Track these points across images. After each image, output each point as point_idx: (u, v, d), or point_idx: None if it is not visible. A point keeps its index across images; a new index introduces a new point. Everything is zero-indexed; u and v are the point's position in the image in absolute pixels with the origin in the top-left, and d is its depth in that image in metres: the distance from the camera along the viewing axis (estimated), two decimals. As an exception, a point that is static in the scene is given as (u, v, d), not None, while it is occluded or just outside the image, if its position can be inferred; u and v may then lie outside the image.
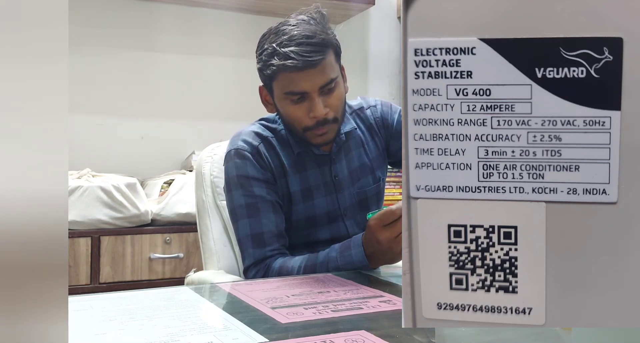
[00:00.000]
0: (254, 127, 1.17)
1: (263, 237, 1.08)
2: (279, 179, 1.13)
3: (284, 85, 1.06)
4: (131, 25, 2.31)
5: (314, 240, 1.15)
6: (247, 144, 1.13)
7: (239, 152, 1.12)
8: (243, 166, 1.11)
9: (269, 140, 1.15)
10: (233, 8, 2.41)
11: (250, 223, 1.09)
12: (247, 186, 1.10)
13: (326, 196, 1.16)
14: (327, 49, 1.05)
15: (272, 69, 1.04)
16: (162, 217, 1.94)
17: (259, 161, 1.11)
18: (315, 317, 0.70)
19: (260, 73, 1.10)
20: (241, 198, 1.10)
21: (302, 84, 1.04)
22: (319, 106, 1.05)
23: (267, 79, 1.09)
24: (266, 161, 1.12)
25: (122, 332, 0.63)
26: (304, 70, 1.02)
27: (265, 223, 1.09)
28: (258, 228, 1.09)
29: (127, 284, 1.85)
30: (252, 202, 1.10)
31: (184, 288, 0.87)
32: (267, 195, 1.10)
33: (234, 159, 1.12)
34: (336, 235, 1.16)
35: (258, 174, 1.11)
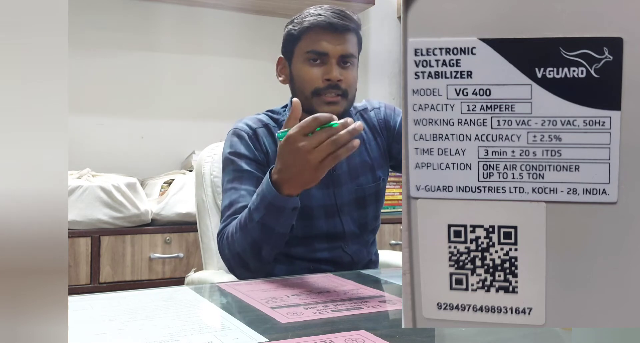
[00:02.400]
0: (259, 115, 1.21)
1: (238, 207, 1.07)
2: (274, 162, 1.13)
3: (308, 44, 1.11)
4: (131, 25, 2.31)
5: (310, 233, 1.14)
6: (247, 126, 1.17)
7: (237, 131, 1.16)
8: (237, 144, 1.14)
9: (270, 127, 1.18)
10: (233, 8, 2.41)
11: (230, 194, 1.09)
12: (237, 162, 1.12)
13: (322, 188, 1.15)
14: (354, 27, 1.12)
15: (303, 26, 1.11)
16: (162, 217, 1.94)
17: (254, 143, 1.14)
18: (315, 317, 0.70)
19: (287, 38, 1.15)
20: (230, 173, 1.12)
21: (326, 45, 1.10)
22: (335, 70, 1.10)
23: (292, 42, 1.13)
24: (262, 144, 1.15)
25: (122, 332, 0.63)
26: (332, 32, 1.09)
27: (243, 195, 1.08)
28: (236, 199, 1.08)
29: (127, 284, 1.85)
30: (238, 176, 1.11)
31: (184, 288, 0.87)
32: (254, 171, 1.11)
33: (231, 138, 1.16)
34: (332, 230, 1.16)
35: (250, 154, 1.13)
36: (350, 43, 1.12)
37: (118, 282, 1.85)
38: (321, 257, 1.15)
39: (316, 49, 1.10)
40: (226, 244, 1.03)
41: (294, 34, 1.13)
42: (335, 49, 1.10)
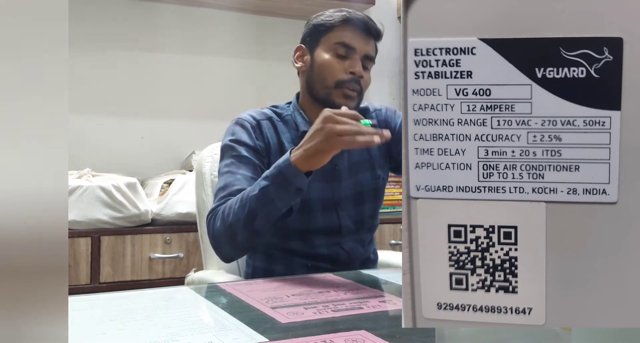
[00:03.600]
0: (263, 109, 1.22)
1: (232, 190, 1.07)
2: (275, 155, 1.14)
3: (339, 36, 1.14)
4: (132, 25, 2.31)
5: (307, 227, 1.15)
6: (251, 117, 1.18)
7: (240, 121, 1.17)
8: (239, 132, 1.15)
9: (273, 121, 1.19)
10: (233, 8, 2.41)
11: (227, 177, 1.10)
12: (236, 148, 1.13)
13: (322, 182, 1.16)
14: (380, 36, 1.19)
15: (338, 18, 1.14)
16: (162, 217, 1.94)
17: (255, 132, 1.15)
18: (315, 317, 0.70)
19: (315, 28, 1.17)
20: (228, 159, 1.12)
21: (357, 41, 1.14)
22: (360, 66, 1.14)
23: (321, 32, 1.16)
24: (264, 135, 1.16)
25: (122, 332, 0.63)
26: (364, 32, 1.14)
27: (239, 178, 1.08)
28: (231, 182, 1.08)
29: (127, 284, 1.85)
30: (236, 161, 1.11)
31: (184, 288, 0.87)
32: (253, 158, 1.12)
33: (233, 127, 1.17)
34: (329, 225, 1.16)
35: (250, 142, 1.13)
36: (374, 48, 1.18)
37: (118, 282, 1.85)
38: (319, 253, 1.16)
39: (347, 42, 1.13)
40: (220, 216, 1.03)
41: (326, 24, 1.15)
42: (363, 47, 1.14)
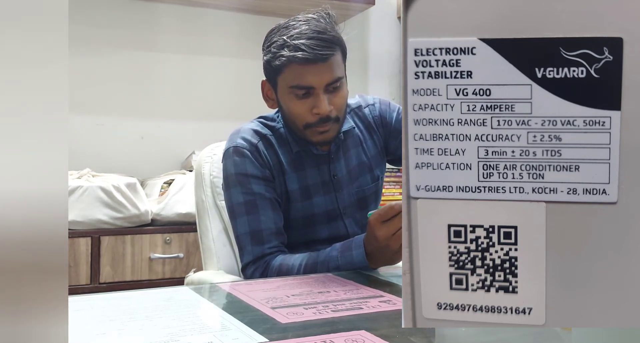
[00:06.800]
0: (253, 125, 1.17)
1: (262, 234, 1.08)
2: (277, 177, 1.13)
3: (290, 78, 1.05)
4: (131, 25, 2.31)
5: (312, 238, 1.15)
6: (246, 142, 1.13)
7: (238, 149, 1.12)
8: (242, 163, 1.11)
9: (268, 138, 1.15)
10: (233, 8, 2.41)
11: (248, 221, 1.09)
12: (245, 183, 1.10)
13: (325, 195, 1.16)
14: (337, 47, 1.06)
15: (282, 60, 1.03)
16: (162, 217, 1.94)
17: (257, 159, 1.11)
18: (315, 317, 0.70)
19: (267, 66, 1.10)
20: (240, 195, 1.10)
21: (310, 78, 1.03)
22: (324, 103, 1.05)
23: (273, 72, 1.08)
24: (265, 159, 1.12)
25: (122, 332, 0.63)
26: (314, 63, 1.02)
27: (264, 220, 1.09)
28: (257, 226, 1.08)
29: (127, 284, 1.85)
30: (251, 199, 1.10)
31: (184, 288, 0.87)
32: (265, 192, 1.10)
33: (233, 156, 1.12)
34: (335, 234, 1.16)
35: (257, 172, 1.11)
36: (336, 66, 1.05)
37: (118, 282, 1.85)
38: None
39: (301, 83, 1.04)
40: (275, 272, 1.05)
41: (274, 67, 1.06)
42: (321, 80, 1.04)
